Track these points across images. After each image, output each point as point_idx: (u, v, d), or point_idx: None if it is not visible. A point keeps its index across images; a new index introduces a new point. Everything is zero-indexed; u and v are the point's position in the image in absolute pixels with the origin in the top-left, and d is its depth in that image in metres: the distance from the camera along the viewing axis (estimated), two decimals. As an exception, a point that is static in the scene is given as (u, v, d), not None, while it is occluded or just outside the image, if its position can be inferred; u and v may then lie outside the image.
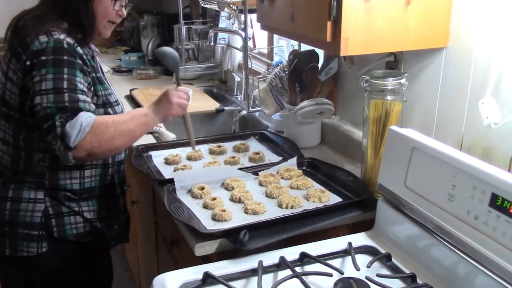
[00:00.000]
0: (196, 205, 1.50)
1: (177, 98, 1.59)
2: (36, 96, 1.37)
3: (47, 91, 1.35)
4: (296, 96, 2.00)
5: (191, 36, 3.18)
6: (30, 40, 1.39)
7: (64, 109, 1.35)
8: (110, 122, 1.42)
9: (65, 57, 1.39)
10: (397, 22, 1.35)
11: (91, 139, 1.35)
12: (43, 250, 1.51)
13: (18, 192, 1.50)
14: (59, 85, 1.36)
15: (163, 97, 1.59)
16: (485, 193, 1.06)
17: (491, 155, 1.31)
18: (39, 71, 1.37)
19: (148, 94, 2.74)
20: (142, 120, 1.51)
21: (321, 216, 1.42)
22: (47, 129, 1.36)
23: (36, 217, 1.49)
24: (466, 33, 1.37)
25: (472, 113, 1.37)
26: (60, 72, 1.37)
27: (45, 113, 1.35)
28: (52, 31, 1.40)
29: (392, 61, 1.65)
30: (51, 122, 1.35)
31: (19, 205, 1.50)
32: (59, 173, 1.51)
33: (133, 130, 1.48)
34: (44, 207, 1.50)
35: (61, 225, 1.53)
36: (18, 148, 1.49)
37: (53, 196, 1.52)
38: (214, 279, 1.16)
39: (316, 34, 1.38)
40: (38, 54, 1.38)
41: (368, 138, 1.54)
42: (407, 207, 1.28)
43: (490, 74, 1.29)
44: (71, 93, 1.37)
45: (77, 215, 1.55)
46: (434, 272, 1.19)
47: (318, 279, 1.19)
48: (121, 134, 1.43)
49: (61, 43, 1.39)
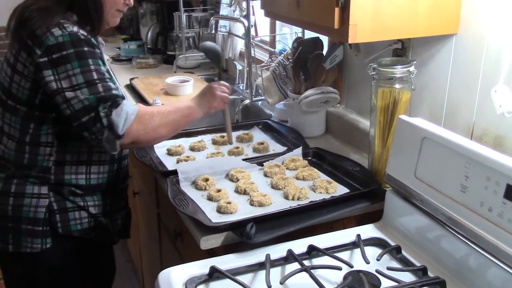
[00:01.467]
0: (200, 197, 1.48)
1: (220, 91, 1.62)
2: (66, 92, 1.33)
3: (79, 85, 1.33)
4: (300, 84, 1.97)
5: (192, 24, 3.13)
6: (41, 33, 1.35)
7: (103, 99, 1.34)
8: (155, 111, 1.45)
9: (85, 48, 1.36)
10: (406, 8, 1.32)
11: (137, 127, 1.37)
12: (47, 246, 1.49)
13: (21, 187, 1.47)
14: (89, 77, 1.35)
15: (206, 90, 1.62)
16: (499, 184, 1.03)
17: (504, 145, 1.28)
18: (63, 67, 1.34)
19: (149, 83, 2.70)
20: (186, 112, 1.54)
21: (329, 208, 1.40)
22: (87, 122, 1.34)
23: (40, 213, 1.47)
24: (477, 19, 1.33)
25: (483, 101, 1.33)
26: (86, 64, 1.35)
27: (83, 106, 1.33)
28: (64, 24, 1.37)
29: (400, 49, 1.61)
30: (93, 114, 1.33)
31: (22, 200, 1.47)
32: (65, 167, 1.48)
33: (178, 121, 1.50)
34: (48, 202, 1.47)
35: (66, 220, 1.50)
36: (23, 142, 1.45)
37: (58, 191, 1.49)
38: (220, 273, 1.13)
39: (323, 21, 1.35)
40: (56, 49, 1.34)
41: (375, 128, 1.51)
42: (417, 198, 1.25)
43: (503, 61, 1.25)
44: (103, 82, 1.36)
45: (82, 210, 1.52)
46: (445, 264, 1.17)
47: (327, 272, 1.16)
48: (166, 124, 1.45)
49: (77, 35, 1.36)
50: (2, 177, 1.49)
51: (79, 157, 1.49)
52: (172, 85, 2.55)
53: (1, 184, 1.48)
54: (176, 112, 1.50)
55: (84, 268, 1.60)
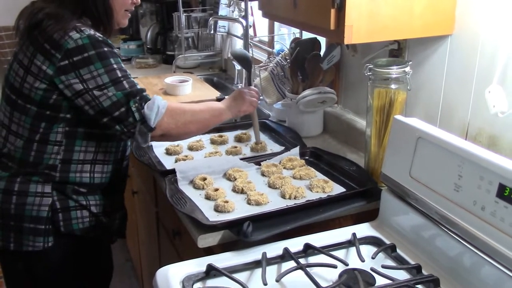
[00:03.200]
0: (198, 196, 1.49)
1: (249, 96, 1.69)
2: (94, 91, 1.37)
3: (105, 85, 1.37)
4: (298, 84, 1.98)
5: (191, 24, 3.14)
6: (59, 37, 1.37)
7: (131, 94, 1.39)
8: (187, 108, 1.51)
9: (105, 48, 1.39)
10: (402, 9, 1.33)
11: (168, 121, 1.43)
12: (49, 245, 1.50)
13: (24, 185, 1.48)
14: (114, 76, 1.38)
15: (237, 95, 1.68)
16: (492, 184, 1.04)
17: (498, 144, 1.30)
18: (86, 69, 1.37)
19: (148, 83, 2.71)
20: (217, 113, 1.60)
21: (325, 207, 1.41)
22: (119, 116, 1.38)
23: (43, 211, 1.47)
24: (472, 20, 1.35)
25: (478, 101, 1.35)
26: (109, 64, 1.39)
27: (112, 102, 1.37)
28: (81, 27, 1.39)
29: (396, 49, 1.63)
30: (124, 109, 1.38)
31: (25, 199, 1.47)
32: (71, 166, 1.49)
33: (208, 120, 1.56)
34: (52, 201, 1.48)
35: (68, 219, 1.51)
36: (32, 140, 1.46)
37: (61, 190, 1.50)
38: (217, 271, 1.15)
39: (320, 22, 1.36)
40: (76, 52, 1.36)
41: (371, 128, 1.53)
42: (412, 198, 1.26)
43: (497, 62, 1.27)
44: (127, 79, 1.41)
45: (84, 209, 1.53)
46: (439, 263, 1.18)
47: (323, 270, 1.18)
48: (196, 121, 1.52)
49: (95, 37, 1.39)
50: (5, 176, 1.50)
51: (86, 156, 1.50)
52: (171, 85, 2.56)
53: (4, 182, 1.49)
54: (207, 111, 1.56)
55: (84, 266, 1.61)
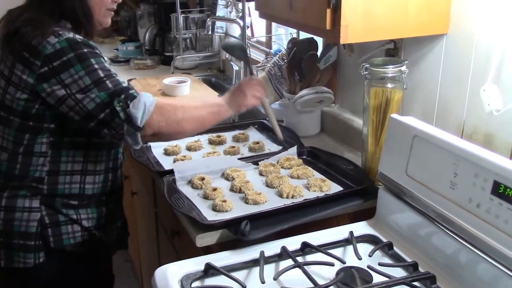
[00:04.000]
0: (196, 196, 1.50)
1: (250, 88, 1.56)
2: (77, 95, 1.31)
3: (88, 87, 1.31)
4: (295, 84, 1.99)
5: (189, 25, 3.15)
6: (37, 43, 1.32)
7: (115, 93, 1.32)
8: (178, 105, 1.42)
9: (85, 49, 1.34)
10: (396, 8, 1.34)
11: (157, 119, 1.35)
12: (41, 261, 1.45)
13: (12, 201, 1.43)
14: (96, 76, 1.32)
15: (236, 88, 1.56)
16: (487, 181, 1.06)
17: (493, 142, 1.31)
18: (67, 73, 1.31)
19: (147, 84, 2.72)
20: (215, 109, 1.49)
21: (322, 205, 1.42)
22: (104, 118, 1.32)
23: (31, 227, 1.42)
24: (467, 19, 1.36)
25: (473, 100, 1.36)
26: (90, 65, 1.33)
27: (96, 104, 1.31)
28: (59, 31, 1.35)
29: (392, 49, 1.64)
30: (108, 110, 1.31)
31: (13, 214, 1.42)
32: (59, 177, 1.44)
33: (204, 117, 1.46)
34: (40, 216, 1.43)
35: (58, 234, 1.46)
36: (16, 153, 1.41)
37: (49, 205, 1.45)
38: (215, 270, 1.16)
39: (315, 22, 1.37)
40: (55, 56, 1.31)
41: (368, 127, 1.53)
42: (408, 196, 1.27)
43: (491, 61, 1.28)
44: (111, 78, 1.34)
45: (74, 223, 1.48)
46: (436, 260, 1.19)
47: (320, 268, 1.19)
48: (190, 119, 1.42)
49: (74, 39, 1.34)
50: None
51: (74, 166, 1.45)
52: (170, 86, 2.57)
53: None
54: (203, 108, 1.46)
55: (80, 281, 1.56)
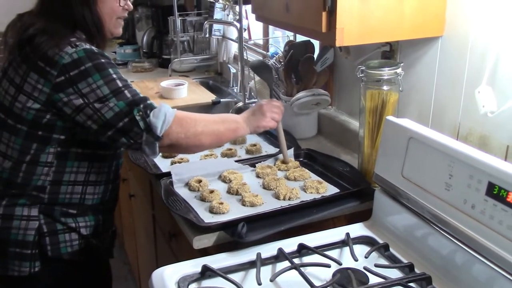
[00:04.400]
0: (193, 198, 1.51)
1: (270, 111, 1.56)
2: (95, 104, 1.30)
3: (106, 96, 1.30)
4: (292, 87, 2.00)
5: (186, 28, 3.16)
6: (53, 53, 1.31)
7: (134, 103, 1.31)
8: (198, 118, 1.41)
9: (102, 60, 1.33)
10: (392, 11, 1.35)
11: (176, 129, 1.34)
12: (36, 270, 1.43)
13: (10, 209, 1.41)
14: (114, 86, 1.31)
15: (257, 109, 1.56)
16: (481, 182, 1.06)
17: (488, 144, 1.32)
18: (84, 82, 1.30)
19: (144, 87, 2.73)
20: (233, 126, 1.48)
21: (319, 207, 1.43)
22: (123, 127, 1.31)
23: (29, 235, 1.41)
24: (462, 22, 1.37)
25: (468, 102, 1.37)
26: (108, 75, 1.32)
27: (115, 113, 1.30)
28: (76, 42, 1.34)
29: (388, 51, 1.64)
30: (127, 119, 1.30)
31: (11, 222, 1.41)
32: (61, 187, 1.42)
33: (222, 133, 1.44)
34: (38, 225, 1.41)
35: (56, 243, 1.44)
36: (21, 161, 1.39)
37: (48, 213, 1.43)
38: (212, 272, 1.16)
39: (311, 25, 1.38)
40: (73, 66, 1.30)
41: (364, 129, 1.54)
42: (404, 197, 1.28)
43: (486, 63, 1.28)
44: (129, 88, 1.34)
45: (72, 232, 1.46)
46: (431, 261, 1.20)
47: (317, 270, 1.19)
48: (209, 133, 1.40)
49: (91, 49, 1.34)
50: None
51: (77, 177, 1.44)
52: (167, 89, 2.58)
53: None
54: (221, 123, 1.45)
55: None
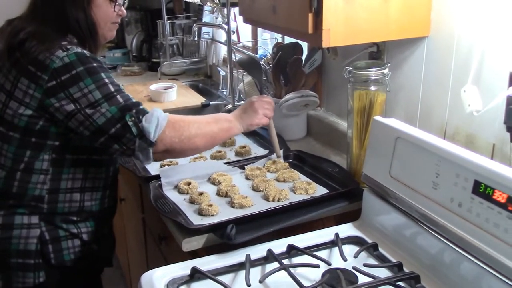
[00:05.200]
0: (182, 201, 1.50)
1: (262, 107, 1.55)
2: (86, 110, 1.27)
3: (98, 101, 1.28)
4: (281, 88, 2.00)
5: (175, 31, 3.17)
6: (44, 57, 1.28)
7: (126, 108, 1.29)
8: (191, 120, 1.38)
9: (94, 63, 1.31)
10: (378, 12, 1.36)
11: (170, 134, 1.32)
12: (41, 280, 1.39)
13: (8, 218, 1.37)
14: (106, 91, 1.29)
15: (248, 106, 1.54)
16: (468, 180, 1.07)
17: (474, 143, 1.33)
18: (76, 87, 1.27)
19: (133, 91, 2.72)
20: (226, 126, 1.47)
21: (308, 208, 1.43)
22: (115, 133, 1.28)
23: (31, 244, 1.37)
24: (447, 22, 1.38)
25: (454, 101, 1.38)
26: (100, 79, 1.29)
27: (107, 119, 1.28)
28: (68, 46, 1.31)
29: (375, 52, 1.65)
30: (120, 124, 1.28)
31: (10, 232, 1.37)
32: (59, 195, 1.40)
33: (216, 133, 1.43)
34: (40, 233, 1.38)
35: (59, 250, 1.41)
36: (15, 170, 1.36)
37: (49, 220, 1.40)
38: (202, 274, 1.16)
39: (298, 26, 1.38)
40: (64, 70, 1.28)
41: (353, 129, 1.55)
42: (392, 197, 1.29)
43: (471, 62, 1.29)
44: (121, 93, 1.31)
45: (75, 238, 1.44)
46: (420, 260, 1.20)
47: (306, 270, 1.19)
48: (203, 135, 1.39)
49: (83, 53, 1.31)
50: None
51: (74, 184, 1.41)
52: (156, 92, 2.58)
53: None
54: (214, 124, 1.43)
55: None
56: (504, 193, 0.99)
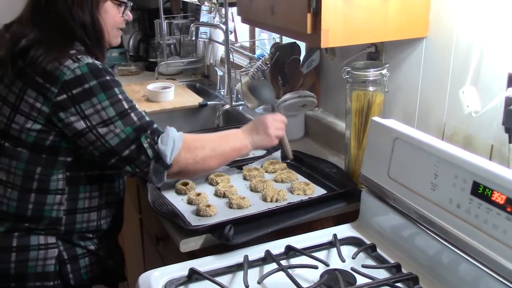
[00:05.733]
0: (180, 201, 1.50)
1: (274, 127, 1.51)
2: (99, 129, 1.22)
3: (111, 119, 1.22)
4: (278, 89, 2.00)
5: (173, 31, 3.16)
6: (53, 68, 1.21)
7: (141, 129, 1.24)
8: (206, 140, 1.36)
9: (107, 77, 1.24)
10: (376, 12, 1.35)
11: (185, 156, 1.28)
12: None
13: (24, 239, 1.29)
14: (121, 108, 1.23)
15: (260, 126, 1.48)
16: (466, 182, 1.07)
17: (473, 144, 1.32)
18: (88, 102, 1.21)
19: (130, 91, 2.71)
20: (238, 146, 1.43)
21: (306, 209, 1.43)
22: (129, 156, 1.24)
23: (49, 266, 1.30)
24: (446, 23, 1.38)
25: (453, 102, 1.38)
26: (114, 95, 1.23)
27: (121, 139, 1.22)
28: (78, 55, 1.24)
29: (373, 52, 1.65)
30: (134, 146, 1.23)
31: (27, 254, 1.29)
32: (77, 216, 1.34)
33: (228, 154, 1.40)
34: (58, 252, 1.31)
35: (77, 269, 1.36)
36: (28, 189, 1.28)
37: (66, 239, 1.34)
38: (199, 275, 1.15)
39: (297, 27, 1.38)
40: (76, 83, 1.21)
41: (351, 130, 1.55)
42: (390, 198, 1.28)
43: (469, 63, 1.29)
44: (135, 110, 1.26)
45: (92, 255, 1.39)
46: (418, 261, 1.20)
47: (304, 271, 1.19)
48: (217, 156, 1.36)
49: (95, 64, 1.24)
50: (1, 231, 1.30)
51: (91, 203, 1.36)
52: (154, 92, 2.57)
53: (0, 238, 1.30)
54: (227, 143, 1.40)
55: None
56: (503, 194, 0.99)
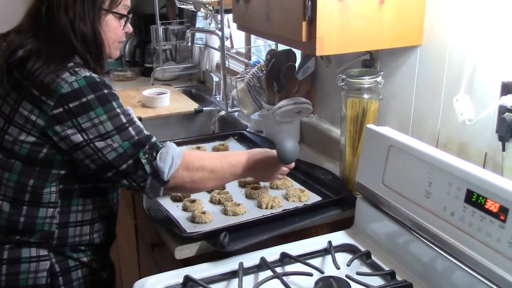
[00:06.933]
0: (175, 208, 1.50)
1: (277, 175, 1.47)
2: (96, 143, 1.20)
3: (109, 133, 1.20)
4: (274, 95, 2.01)
5: (168, 36, 3.16)
6: (51, 80, 1.18)
7: (139, 143, 1.23)
8: (206, 162, 1.32)
9: (105, 90, 1.22)
10: (371, 21, 1.36)
11: (183, 173, 1.27)
12: None
13: (15, 251, 1.27)
14: (118, 122, 1.22)
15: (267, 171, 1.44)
16: (460, 190, 1.08)
17: (467, 152, 1.33)
18: (85, 116, 1.19)
19: (126, 96, 2.71)
20: (238, 174, 1.39)
21: (301, 216, 1.43)
22: (126, 170, 1.22)
23: (41, 278, 1.28)
24: (440, 31, 1.39)
25: (447, 110, 1.38)
26: (112, 109, 1.22)
27: (118, 154, 1.21)
28: (76, 68, 1.22)
29: (368, 60, 1.66)
30: (132, 160, 1.22)
31: (18, 267, 1.27)
32: (69, 230, 1.32)
33: (227, 179, 1.39)
34: (50, 265, 1.29)
35: (69, 282, 1.33)
36: (20, 202, 1.26)
37: (59, 251, 1.32)
38: (194, 282, 1.15)
39: (292, 34, 1.39)
40: (72, 97, 1.18)
41: (346, 137, 1.55)
42: (385, 205, 1.29)
43: (463, 71, 1.30)
44: (133, 124, 1.24)
45: (84, 267, 1.37)
46: (413, 268, 1.20)
47: (299, 279, 1.19)
48: (215, 179, 1.34)
49: (93, 77, 1.22)
50: None
51: (84, 216, 1.34)
52: (149, 98, 2.57)
53: None
54: (229, 169, 1.36)
55: None
56: (496, 202, 1.00)
